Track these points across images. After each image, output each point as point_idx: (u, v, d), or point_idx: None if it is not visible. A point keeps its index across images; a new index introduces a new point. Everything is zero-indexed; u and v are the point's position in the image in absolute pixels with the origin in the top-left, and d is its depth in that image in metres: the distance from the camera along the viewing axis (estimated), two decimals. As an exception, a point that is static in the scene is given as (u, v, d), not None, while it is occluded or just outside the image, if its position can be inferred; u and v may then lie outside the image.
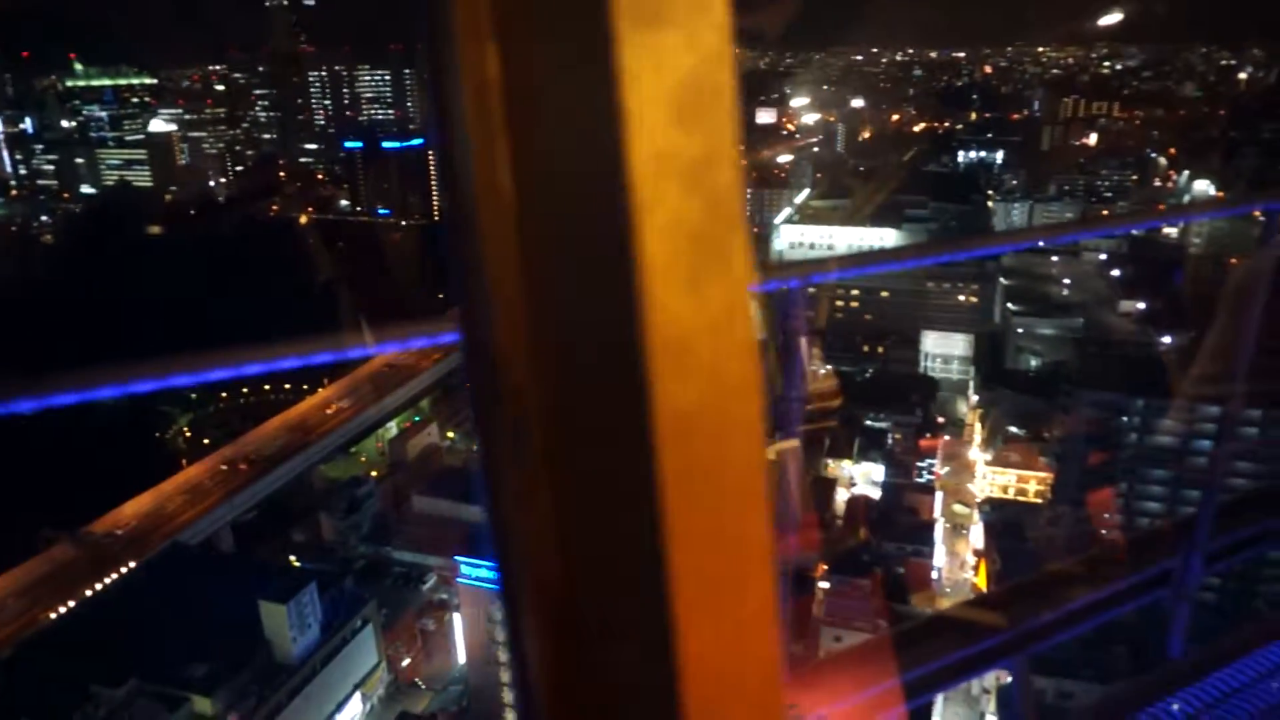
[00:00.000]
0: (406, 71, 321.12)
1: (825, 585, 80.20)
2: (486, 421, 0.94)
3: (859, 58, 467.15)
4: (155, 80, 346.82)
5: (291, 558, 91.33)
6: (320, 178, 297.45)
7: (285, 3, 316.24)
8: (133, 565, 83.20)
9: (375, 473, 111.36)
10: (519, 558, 1.01)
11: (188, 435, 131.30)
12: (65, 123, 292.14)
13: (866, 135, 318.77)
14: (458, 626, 76.37)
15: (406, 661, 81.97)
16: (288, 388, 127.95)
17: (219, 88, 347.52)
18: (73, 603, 77.65)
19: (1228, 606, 69.47)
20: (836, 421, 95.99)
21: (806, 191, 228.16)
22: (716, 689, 0.91)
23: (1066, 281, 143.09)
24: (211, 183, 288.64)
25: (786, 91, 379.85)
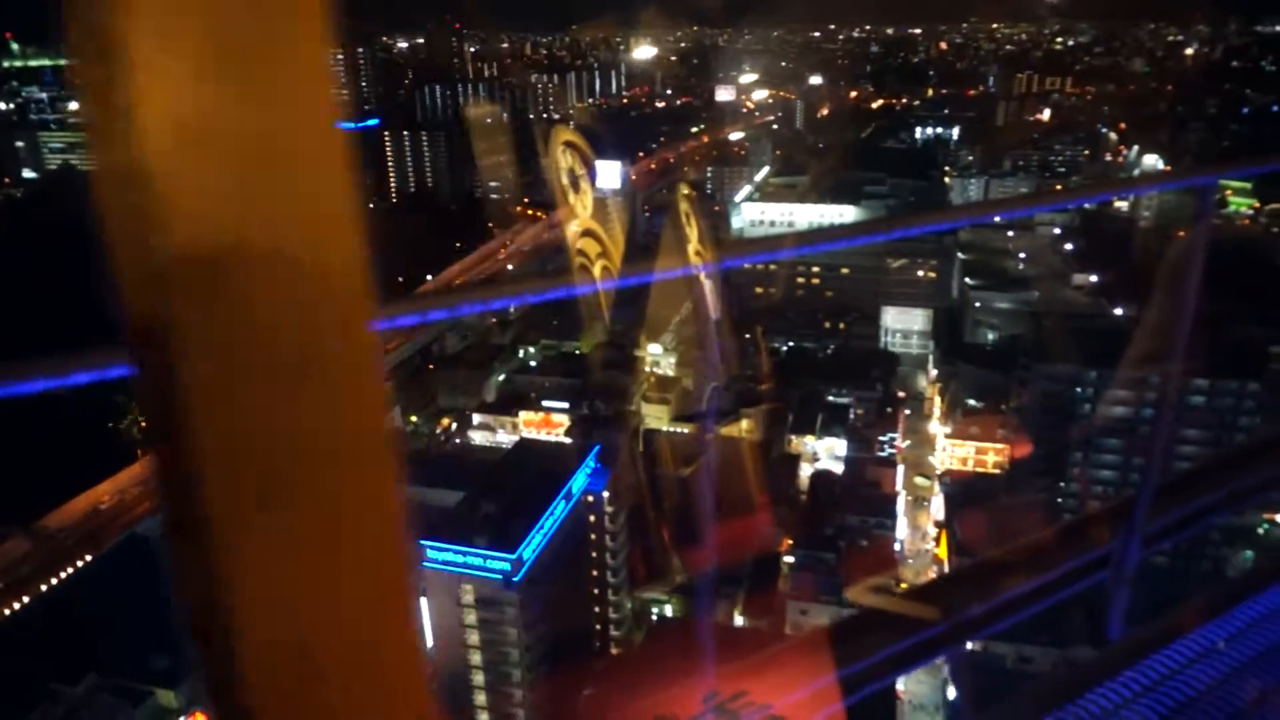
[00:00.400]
0: (360, 50, 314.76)
1: (790, 560, 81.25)
2: None
3: (817, 34, 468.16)
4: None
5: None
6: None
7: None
8: (89, 559, 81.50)
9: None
10: None
11: (143, 425, 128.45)
12: (3, 105, 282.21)
13: (825, 112, 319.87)
14: (425, 611, 76.07)
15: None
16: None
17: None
18: (27, 599, 75.94)
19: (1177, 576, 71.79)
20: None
21: (766, 169, 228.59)
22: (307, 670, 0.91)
23: (1022, 256, 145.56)
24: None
25: (745, 69, 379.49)
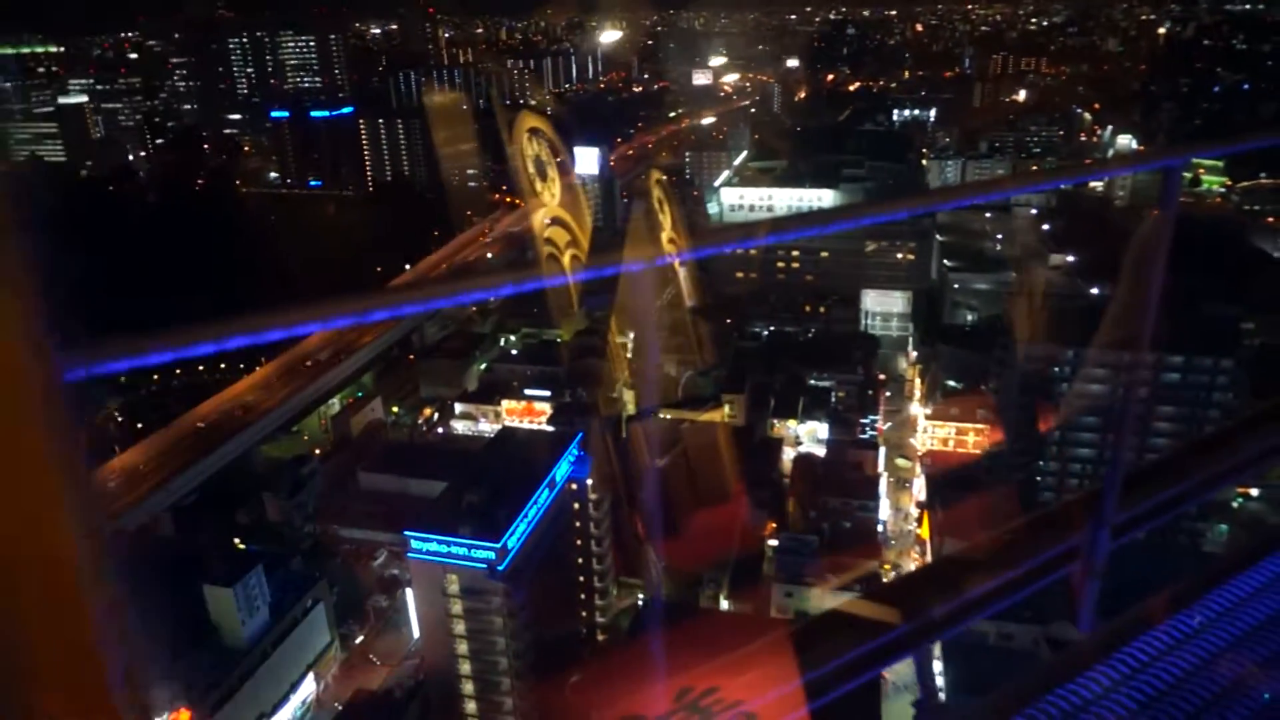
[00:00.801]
0: (333, 37, 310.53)
1: (774, 544, 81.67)
2: None
3: (792, 17, 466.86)
4: (62, 49, 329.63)
5: (236, 540, 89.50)
6: (246, 149, 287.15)
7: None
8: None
9: (319, 451, 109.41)
10: None
11: (119, 420, 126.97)
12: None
13: (802, 95, 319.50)
14: (410, 601, 75.93)
15: (360, 639, 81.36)
16: (223, 367, 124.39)
17: (132, 56, 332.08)
18: (6, 598, 75.00)
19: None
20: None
21: (744, 153, 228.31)
22: None
23: (999, 237, 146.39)
24: (130, 156, 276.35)
25: (721, 52, 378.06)
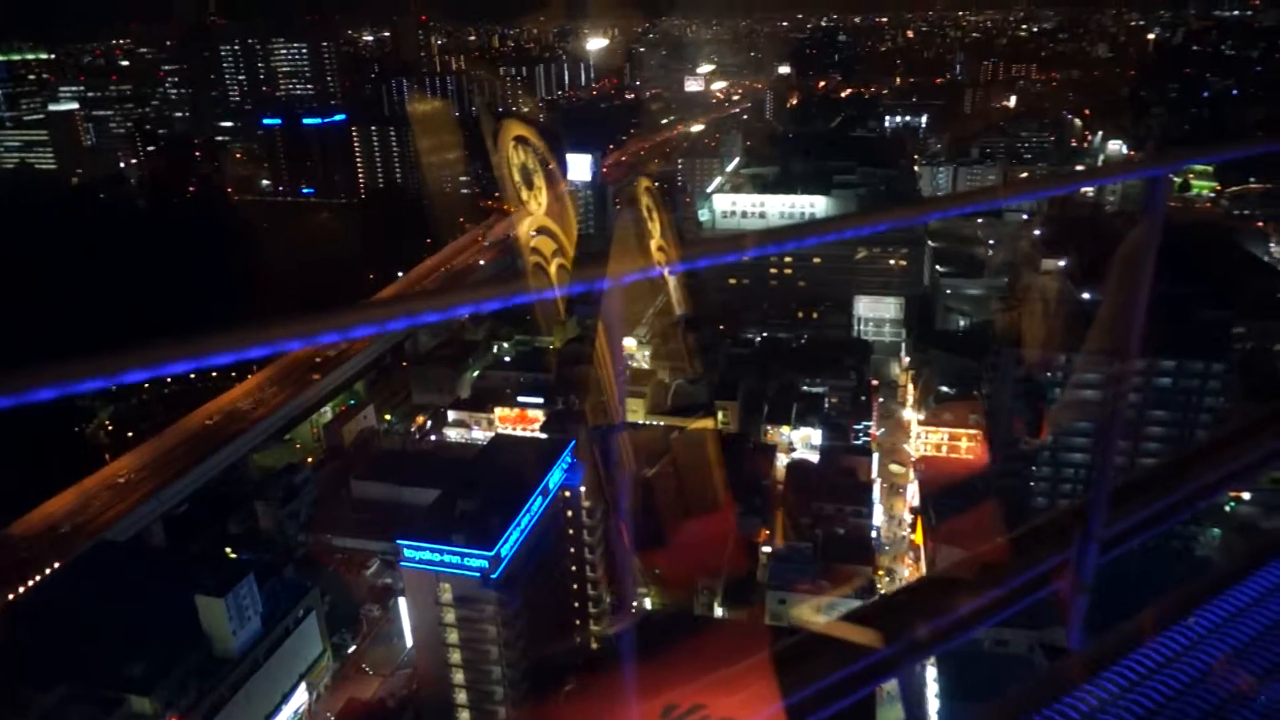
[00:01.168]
0: (325, 44, 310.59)
1: (768, 550, 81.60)
2: None
3: (785, 24, 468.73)
4: (53, 56, 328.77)
5: (228, 549, 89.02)
6: (239, 156, 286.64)
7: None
8: (57, 565, 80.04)
9: (311, 459, 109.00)
10: None
11: (110, 429, 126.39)
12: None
13: (794, 101, 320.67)
14: (403, 610, 75.56)
15: (352, 649, 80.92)
16: (214, 375, 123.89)
17: (124, 63, 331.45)
18: (-5, 608, 74.42)
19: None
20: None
21: (737, 160, 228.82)
22: None
23: (991, 242, 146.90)
24: (121, 164, 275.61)
25: (714, 59, 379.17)
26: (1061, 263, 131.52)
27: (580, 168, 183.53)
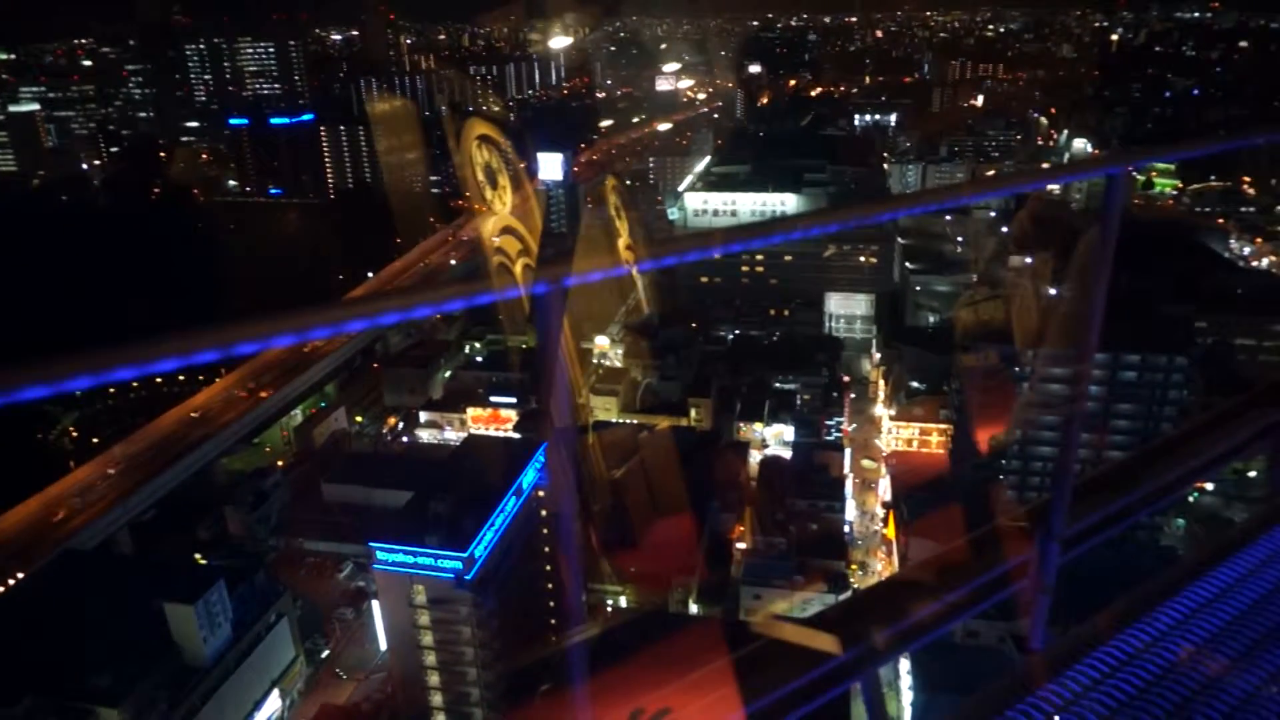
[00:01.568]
0: (292, 43, 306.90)
1: (742, 546, 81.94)
2: None
3: (756, 23, 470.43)
4: (12, 56, 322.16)
5: (197, 556, 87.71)
6: (205, 157, 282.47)
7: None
8: (20, 576, 78.43)
9: (281, 462, 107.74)
10: None
11: (74, 435, 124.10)
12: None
13: (765, 100, 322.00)
14: (377, 614, 74.96)
15: (326, 653, 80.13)
16: (181, 379, 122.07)
17: (86, 63, 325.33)
18: (-44, 620, 72.66)
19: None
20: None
21: (708, 159, 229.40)
22: None
23: (960, 239, 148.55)
24: (84, 165, 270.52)
25: (685, 58, 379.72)
26: (1028, 259, 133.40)
27: (551, 167, 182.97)
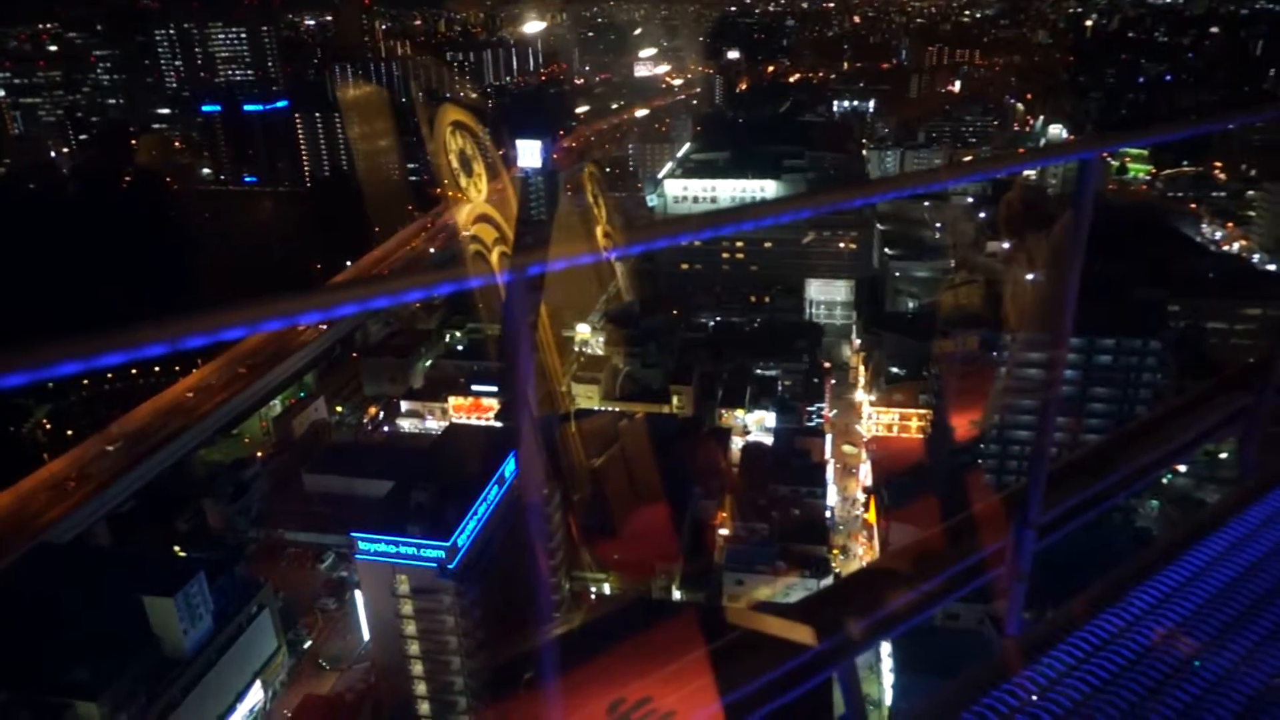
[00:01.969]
0: (265, 29, 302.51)
1: (724, 532, 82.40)
2: None
3: (733, 9, 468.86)
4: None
5: (176, 548, 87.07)
6: (177, 145, 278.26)
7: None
8: (-4, 570, 77.48)
9: (261, 453, 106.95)
10: None
11: (48, 427, 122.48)
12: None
13: (743, 87, 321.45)
14: (359, 604, 74.77)
15: (309, 644, 79.88)
16: (156, 370, 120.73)
17: (52, 48, 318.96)
18: (-70, 616, 71.72)
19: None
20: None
21: (687, 145, 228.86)
22: None
23: (938, 225, 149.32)
24: (53, 154, 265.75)
25: (663, 44, 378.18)
26: (1005, 244, 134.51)
27: (530, 154, 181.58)
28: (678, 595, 75.74)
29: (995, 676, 7.11)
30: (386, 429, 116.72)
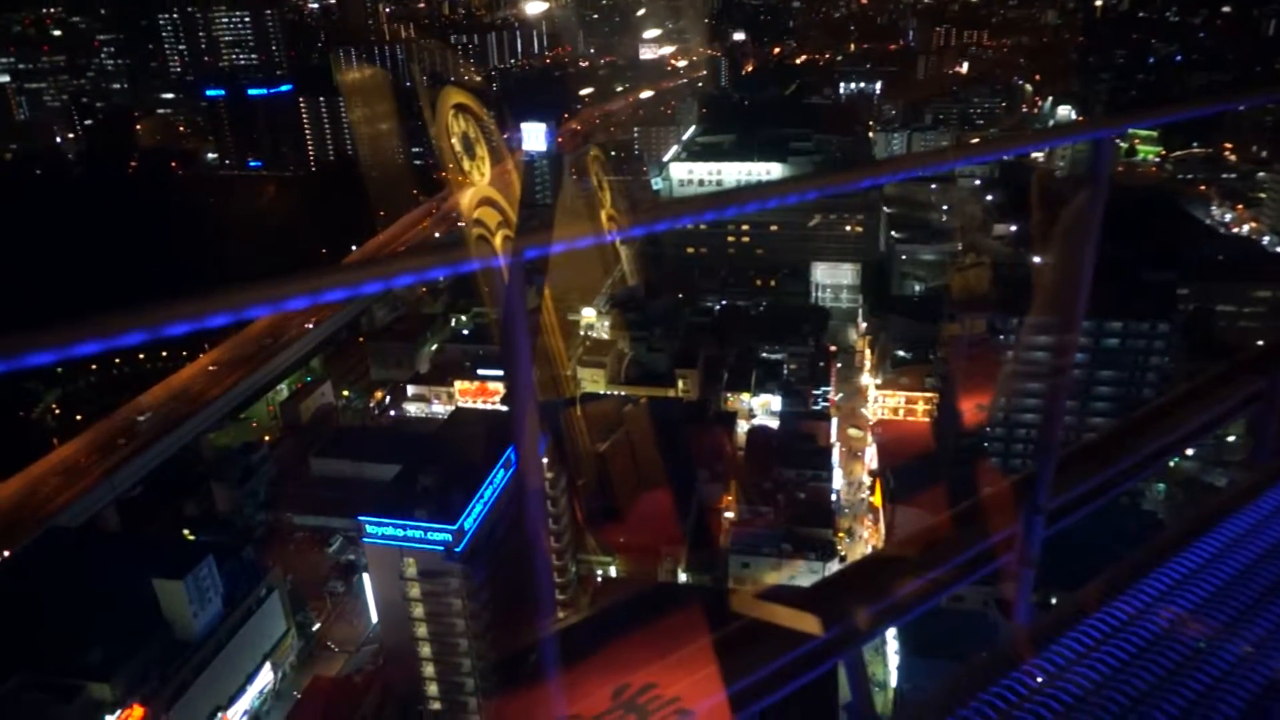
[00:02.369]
0: (269, 12, 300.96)
1: (730, 515, 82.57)
2: None
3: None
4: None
5: (185, 531, 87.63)
6: (181, 129, 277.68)
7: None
8: (5, 554, 78.17)
9: (268, 437, 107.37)
10: None
11: (57, 412, 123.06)
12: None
13: (749, 69, 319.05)
14: (368, 587, 75.21)
15: (317, 626, 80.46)
16: (164, 355, 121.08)
17: (56, 33, 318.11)
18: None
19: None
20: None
21: (693, 128, 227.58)
22: None
23: (945, 208, 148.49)
24: (58, 138, 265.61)
25: (668, 26, 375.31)
26: (1013, 227, 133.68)
27: (535, 137, 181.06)
28: (683, 578, 76.00)
29: (1004, 664, 7.05)
30: (393, 413, 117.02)
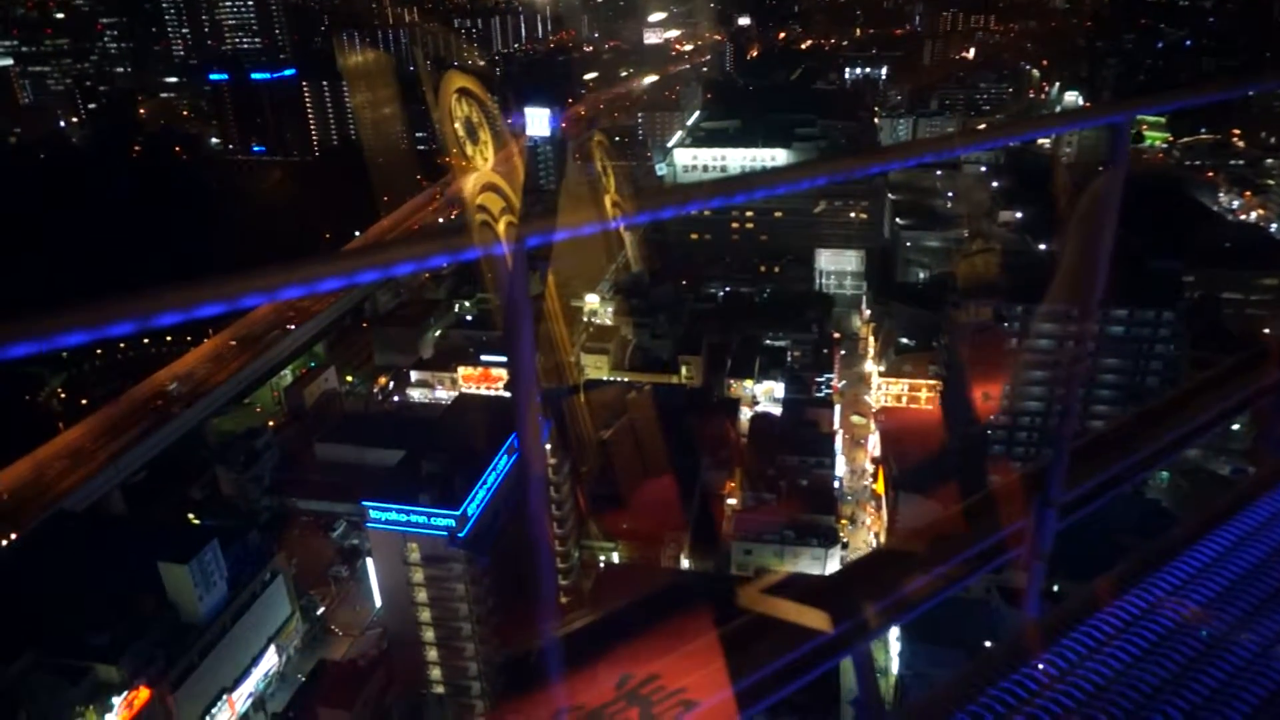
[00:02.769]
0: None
1: (733, 502, 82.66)
2: None
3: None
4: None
5: (190, 515, 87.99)
6: (185, 114, 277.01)
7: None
8: (13, 537, 78.59)
9: (272, 423, 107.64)
10: None
11: (63, 396, 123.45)
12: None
13: (754, 53, 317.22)
14: (371, 571, 75.51)
15: (321, 610, 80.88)
16: (169, 339, 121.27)
17: (58, 16, 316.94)
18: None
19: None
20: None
21: (697, 114, 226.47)
22: None
23: (950, 195, 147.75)
24: (62, 122, 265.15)
25: (672, 10, 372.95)
26: (1019, 214, 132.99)
27: (539, 122, 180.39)
28: (686, 565, 76.18)
29: (1015, 657, 6.99)
30: (396, 399, 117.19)
